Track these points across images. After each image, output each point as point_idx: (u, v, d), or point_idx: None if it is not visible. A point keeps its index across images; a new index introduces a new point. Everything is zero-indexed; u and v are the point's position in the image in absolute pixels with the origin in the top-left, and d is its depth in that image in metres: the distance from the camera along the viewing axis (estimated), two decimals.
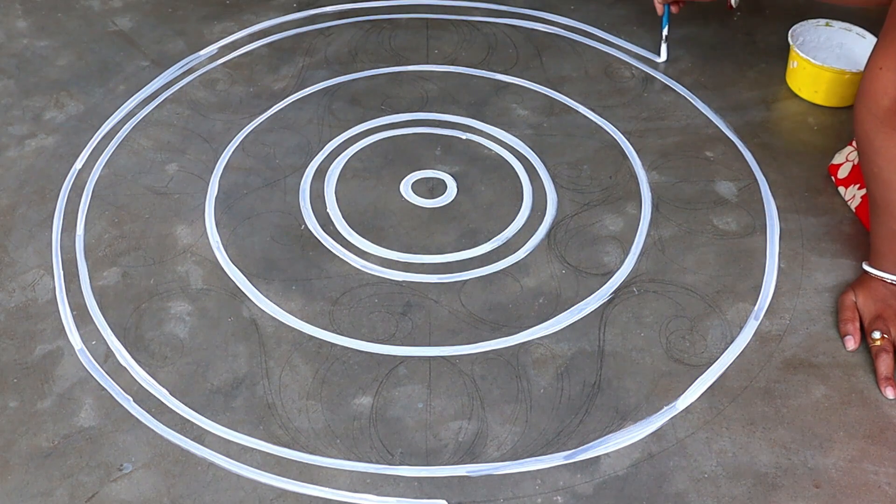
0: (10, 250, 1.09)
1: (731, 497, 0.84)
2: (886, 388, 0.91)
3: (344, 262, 1.08)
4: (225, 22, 1.47)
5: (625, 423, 0.90)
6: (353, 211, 1.14)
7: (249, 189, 1.17)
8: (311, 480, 0.86)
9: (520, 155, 1.22)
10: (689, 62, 1.37)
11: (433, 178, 1.19)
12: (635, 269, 1.06)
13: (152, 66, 1.38)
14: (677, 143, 1.23)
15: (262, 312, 1.02)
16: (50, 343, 0.99)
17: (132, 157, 1.23)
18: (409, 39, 1.43)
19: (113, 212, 1.14)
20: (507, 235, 1.11)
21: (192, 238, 1.11)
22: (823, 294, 1.03)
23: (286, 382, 0.95)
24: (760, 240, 1.09)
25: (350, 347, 0.98)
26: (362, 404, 0.93)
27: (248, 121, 1.28)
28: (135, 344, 0.99)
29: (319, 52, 1.41)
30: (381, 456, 0.88)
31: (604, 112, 1.29)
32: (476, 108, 1.30)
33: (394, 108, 1.30)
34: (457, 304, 1.03)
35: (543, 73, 1.36)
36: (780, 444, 0.88)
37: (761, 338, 0.98)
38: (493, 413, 0.91)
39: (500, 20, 1.47)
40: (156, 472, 0.87)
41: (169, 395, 0.94)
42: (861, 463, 0.86)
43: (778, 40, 1.41)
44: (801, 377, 0.94)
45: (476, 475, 0.86)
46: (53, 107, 1.31)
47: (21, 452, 0.88)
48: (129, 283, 1.05)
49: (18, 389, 0.94)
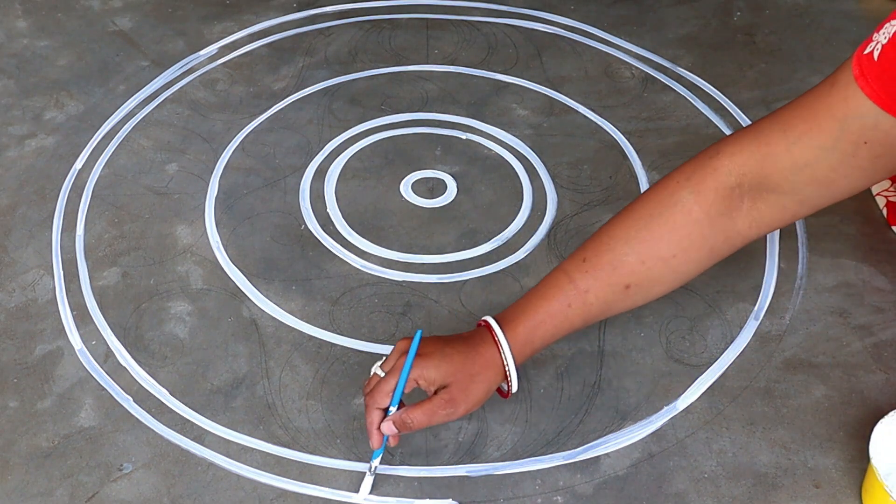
0: (10, 250, 1.09)
1: (731, 497, 0.84)
2: None
3: (344, 262, 1.08)
4: (225, 22, 1.47)
5: (625, 423, 0.90)
6: (353, 211, 1.14)
7: (249, 189, 1.17)
8: (311, 480, 0.86)
9: (520, 155, 1.22)
10: (689, 62, 1.37)
11: (433, 178, 1.19)
12: None
13: (152, 66, 1.38)
14: (677, 143, 1.23)
15: (262, 312, 1.02)
16: (50, 343, 0.99)
17: (132, 157, 1.23)
18: (409, 39, 1.43)
19: (113, 212, 1.14)
20: (507, 235, 1.11)
21: (192, 238, 1.11)
22: (823, 294, 1.03)
23: (286, 382, 0.95)
24: (760, 240, 1.09)
25: (350, 347, 0.98)
26: (362, 404, 0.92)
27: (248, 121, 1.28)
28: (135, 344, 0.99)
29: (319, 52, 1.41)
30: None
31: (604, 112, 1.29)
32: (476, 108, 1.30)
33: (394, 108, 1.30)
34: (457, 304, 1.03)
35: (543, 73, 1.36)
36: (780, 444, 0.88)
37: (761, 338, 0.98)
38: (493, 413, 0.91)
39: (500, 20, 1.47)
40: (156, 472, 0.87)
41: (169, 395, 0.94)
42: (861, 463, 0.86)
43: (778, 40, 1.41)
44: (801, 377, 0.94)
45: (476, 475, 0.86)
46: (53, 107, 1.31)
47: (21, 452, 0.88)
48: (129, 283, 1.05)
49: (18, 389, 0.94)
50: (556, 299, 0.81)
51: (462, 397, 0.78)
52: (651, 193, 0.83)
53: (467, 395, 0.78)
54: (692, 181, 0.81)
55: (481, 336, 0.81)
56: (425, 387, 0.79)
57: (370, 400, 0.79)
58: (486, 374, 0.79)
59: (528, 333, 0.81)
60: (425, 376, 0.78)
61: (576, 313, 0.82)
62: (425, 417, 0.78)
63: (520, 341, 0.80)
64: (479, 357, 0.79)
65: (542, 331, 0.81)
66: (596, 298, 0.82)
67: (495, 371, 0.79)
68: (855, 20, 1.45)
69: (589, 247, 0.83)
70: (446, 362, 0.78)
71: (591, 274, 0.81)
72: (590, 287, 0.81)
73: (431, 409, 0.78)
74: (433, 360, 0.78)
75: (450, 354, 0.78)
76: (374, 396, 0.79)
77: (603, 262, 0.81)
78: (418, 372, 0.78)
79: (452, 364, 0.78)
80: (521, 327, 0.80)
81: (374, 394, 0.79)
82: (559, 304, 0.81)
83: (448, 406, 0.77)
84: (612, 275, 0.81)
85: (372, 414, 0.79)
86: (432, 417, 0.78)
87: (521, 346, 0.80)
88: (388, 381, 0.79)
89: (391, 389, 0.78)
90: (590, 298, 0.81)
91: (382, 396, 0.79)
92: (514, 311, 0.82)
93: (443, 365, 0.78)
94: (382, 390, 0.79)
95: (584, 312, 0.82)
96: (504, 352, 0.79)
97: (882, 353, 0.96)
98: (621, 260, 0.81)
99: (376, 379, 0.81)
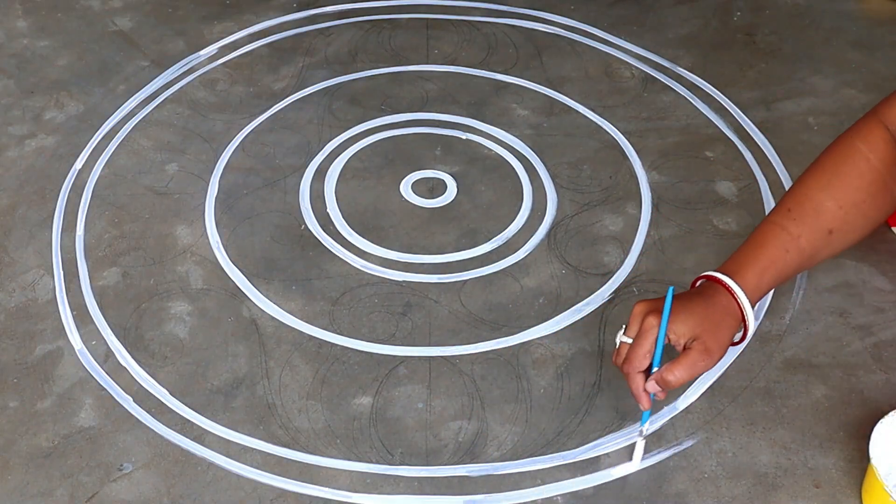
0: (10, 250, 1.09)
1: (731, 497, 0.84)
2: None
3: (344, 262, 1.08)
4: (225, 22, 1.47)
5: (625, 423, 0.90)
6: (353, 211, 1.14)
7: (249, 189, 1.17)
8: (311, 480, 0.86)
9: (520, 155, 1.22)
10: (689, 62, 1.37)
11: (433, 178, 1.19)
12: (635, 269, 1.06)
13: (152, 66, 1.38)
14: (677, 143, 1.23)
15: (262, 312, 1.02)
16: (50, 343, 0.99)
17: (132, 157, 1.23)
18: (409, 39, 1.43)
19: (113, 212, 1.14)
20: (507, 235, 1.11)
21: (192, 238, 1.11)
22: (823, 294, 1.03)
23: (286, 382, 0.95)
24: None
25: (350, 347, 0.98)
26: (362, 404, 0.93)
27: (248, 121, 1.28)
28: (135, 344, 0.99)
29: (319, 52, 1.41)
30: (381, 456, 0.88)
31: (604, 112, 1.29)
32: (476, 108, 1.30)
33: (394, 108, 1.30)
34: (457, 304, 1.03)
35: (543, 73, 1.36)
36: (780, 444, 0.88)
37: (761, 338, 0.98)
38: (493, 413, 0.91)
39: (500, 20, 1.47)
40: (156, 472, 0.87)
41: (169, 395, 0.94)
42: (861, 463, 0.86)
43: (778, 40, 1.41)
44: (801, 377, 0.94)
45: (476, 475, 0.86)
46: (53, 107, 1.31)
47: (21, 452, 0.88)
48: (129, 283, 1.05)
49: (18, 389, 0.94)
50: (774, 246, 0.86)
51: (715, 346, 0.81)
52: (831, 149, 0.90)
53: (719, 342, 0.82)
54: (862, 135, 0.88)
55: (713, 289, 0.84)
56: (675, 341, 0.82)
57: (629, 367, 0.82)
58: (728, 321, 0.83)
59: (756, 280, 0.85)
60: (675, 331, 0.81)
61: (792, 258, 0.86)
62: (686, 371, 0.81)
63: (750, 288, 0.84)
64: (719, 306, 0.83)
65: (767, 276, 0.85)
66: (807, 243, 0.86)
67: (734, 318, 0.83)
68: (855, 20, 1.45)
69: (788, 199, 0.88)
70: (691, 316, 0.82)
71: (798, 221, 0.86)
72: (801, 233, 0.86)
73: (691, 362, 0.80)
74: (679, 315, 0.82)
75: (691, 308, 0.82)
76: (631, 362, 0.82)
77: (806, 210, 0.86)
78: (668, 328, 0.82)
79: (696, 316, 0.82)
80: (749, 274, 0.85)
81: (630, 360, 0.82)
82: (777, 251, 0.86)
83: (705, 356, 0.80)
84: (816, 220, 0.86)
85: (635, 379, 0.82)
86: (693, 369, 0.81)
87: (751, 293, 0.85)
88: (640, 345, 0.82)
89: (646, 352, 0.81)
90: (802, 244, 0.86)
91: (640, 360, 0.82)
92: (735, 262, 0.86)
93: (689, 319, 0.81)
94: (638, 354, 0.82)
95: (798, 258, 0.87)
96: (740, 299, 0.83)
97: (882, 353, 0.96)
98: (822, 206, 0.86)
99: (625, 347, 0.84)
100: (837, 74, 1.34)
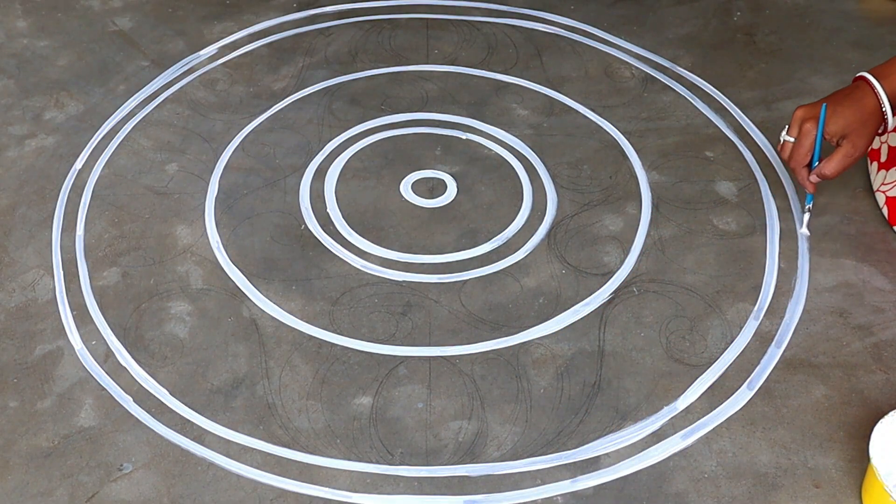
0: (10, 250, 1.09)
1: (731, 497, 0.84)
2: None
3: (344, 262, 1.08)
4: (225, 22, 1.47)
5: (625, 423, 0.90)
6: (353, 211, 1.15)
7: (249, 189, 1.17)
8: (311, 480, 0.86)
9: (520, 155, 1.22)
10: (689, 62, 1.37)
11: (433, 178, 1.19)
12: (635, 269, 1.06)
13: (152, 66, 1.38)
14: (677, 143, 1.23)
15: (262, 312, 1.02)
16: (50, 343, 0.99)
17: (132, 157, 1.23)
18: (409, 39, 1.43)
19: (113, 212, 1.14)
20: (507, 235, 1.11)
21: (192, 238, 1.11)
22: (823, 294, 1.03)
23: (286, 382, 0.95)
24: (760, 240, 1.09)
25: (350, 347, 0.98)
26: (362, 404, 0.93)
27: (248, 121, 1.28)
28: (135, 344, 0.99)
29: (319, 52, 1.41)
30: (381, 456, 0.88)
31: (604, 112, 1.29)
32: (476, 108, 1.30)
33: (394, 108, 1.30)
34: (457, 304, 1.03)
35: (543, 73, 1.36)
36: (780, 444, 0.88)
37: (761, 338, 0.98)
38: (493, 413, 0.91)
39: (500, 20, 1.47)
40: (156, 472, 0.87)
41: (169, 395, 0.94)
42: (861, 463, 0.86)
43: (778, 40, 1.41)
44: (801, 377, 0.94)
45: (476, 475, 0.86)
46: (53, 107, 1.31)
47: (21, 452, 0.88)
48: (129, 283, 1.05)
49: (18, 389, 0.94)
50: None
51: (862, 142, 0.99)
52: None
53: (865, 138, 0.99)
54: None
55: (861, 90, 0.99)
56: (829, 139, 1.00)
57: (794, 163, 1.03)
58: (872, 119, 0.99)
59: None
60: (830, 131, 0.99)
61: None
62: (840, 164, 1.00)
63: (892, 90, 0.98)
64: (865, 107, 0.99)
65: None
66: None
67: (877, 116, 0.99)
68: (855, 20, 1.45)
69: None
70: (843, 117, 0.99)
71: None
72: None
73: (843, 156, 0.99)
74: (832, 118, 0.99)
75: (841, 111, 0.99)
76: (796, 159, 1.03)
77: None
78: (825, 128, 0.99)
79: (846, 118, 0.99)
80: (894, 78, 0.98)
81: (794, 156, 1.03)
82: None
83: (854, 150, 0.99)
84: None
85: (800, 172, 1.03)
86: (845, 162, 0.99)
87: (892, 95, 0.98)
88: (802, 145, 1.01)
89: (807, 151, 1.01)
90: None
91: (803, 157, 1.02)
92: (887, 67, 0.99)
93: (840, 120, 0.99)
94: (800, 153, 1.02)
95: None
96: (882, 100, 0.98)
97: (882, 353, 0.96)
98: None
99: (788, 145, 1.03)
100: (837, 74, 1.34)
